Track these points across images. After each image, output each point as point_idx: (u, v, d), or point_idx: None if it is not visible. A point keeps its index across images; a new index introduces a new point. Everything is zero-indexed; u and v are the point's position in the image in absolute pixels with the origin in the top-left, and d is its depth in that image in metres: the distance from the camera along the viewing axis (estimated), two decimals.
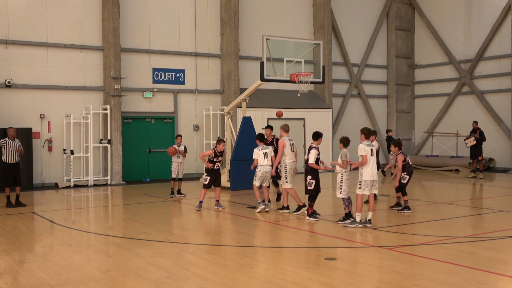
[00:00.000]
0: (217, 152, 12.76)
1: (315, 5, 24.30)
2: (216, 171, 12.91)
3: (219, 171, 13.07)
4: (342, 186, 10.55)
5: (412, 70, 27.42)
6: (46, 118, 18.49)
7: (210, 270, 7.38)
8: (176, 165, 15.28)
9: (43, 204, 14.43)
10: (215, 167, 12.82)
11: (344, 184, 10.54)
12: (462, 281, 6.71)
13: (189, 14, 21.26)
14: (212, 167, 12.78)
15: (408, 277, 6.87)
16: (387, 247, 8.64)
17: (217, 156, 12.79)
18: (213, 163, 12.76)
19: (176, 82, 20.97)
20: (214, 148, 12.81)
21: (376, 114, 26.57)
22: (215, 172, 12.87)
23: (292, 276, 6.96)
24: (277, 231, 10.50)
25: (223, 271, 7.33)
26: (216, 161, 12.79)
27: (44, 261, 8.02)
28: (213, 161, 12.73)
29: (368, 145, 10.37)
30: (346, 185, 10.56)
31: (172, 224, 11.47)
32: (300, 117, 22.79)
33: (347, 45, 25.46)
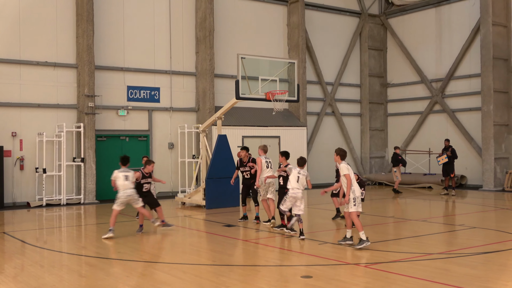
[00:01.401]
0: (145, 173, 12.08)
1: (289, 24, 24.58)
2: (146, 194, 12.14)
3: (150, 193, 12.33)
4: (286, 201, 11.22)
5: (385, 89, 27.84)
6: (18, 136, 18.21)
7: None
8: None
9: (14, 224, 14.14)
10: (143, 189, 12.03)
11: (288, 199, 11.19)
12: None
13: (164, 32, 21.29)
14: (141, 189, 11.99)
15: None
16: (362, 264, 8.67)
17: (145, 177, 12.09)
18: (142, 186, 12.01)
19: (151, 100, 20.90)
20: (142, 169, 12.10)
21: (350, 132, 26.86)
22: (145, 195, 12.08)
23: None
24: (253, 249, 10.46)
25: None
26: (144, 182, 12.08)
27: (16, 282, 7.83)
28: (141, 183, 11.98)
29: (348, 163, 10.52)
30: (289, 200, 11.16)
31: (146, 243, 11.33)
32: (275, 135, 22.88)
33: (321, 64, 25.77)
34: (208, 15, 21.42)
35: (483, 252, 9.50)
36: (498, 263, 8.71)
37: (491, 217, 14.85)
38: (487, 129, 21.92)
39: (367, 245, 9.78)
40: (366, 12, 27.22)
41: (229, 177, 16.34)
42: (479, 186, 22.66)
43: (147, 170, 12.13)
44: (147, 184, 12.16)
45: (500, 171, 22.02)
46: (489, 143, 21.81)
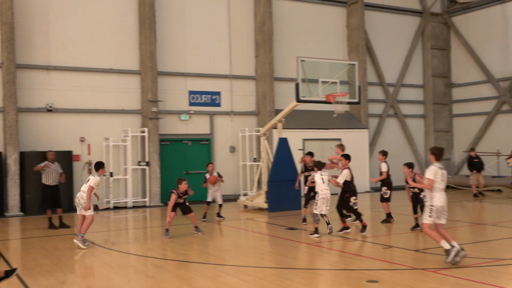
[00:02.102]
0: (180, 193, 12.07)
1: (349, 26, 24.33)
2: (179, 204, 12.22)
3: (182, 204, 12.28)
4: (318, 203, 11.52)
5: (449, 89, 27.05)
6: (86, 141, 18.88)
7: None
8: (212, 191, 14.99)
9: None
10: (177, 201, 12.11)
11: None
12: None
13: (224, 37, 21.54)
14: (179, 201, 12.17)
15: None
16: (430, 269, 8.44)
17: (180, 197, 12.10)
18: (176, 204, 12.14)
19: (212, 104, 21.18)
20: (176, 190, 12.07)
21: (414, 134, 26.25)
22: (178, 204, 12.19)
23: None
24: (316, 252, 10.39)
25: None
26: (178, 201, 12.12)
27: (86, 282, 8.10)
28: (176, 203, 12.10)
29: (441, 167, 8.75)
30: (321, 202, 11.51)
31: (211, 246, 11.47)
32: (336, 137, 22.66)
33: (382, 65, 25.34)
34: (267, 19, 21.51)
35: None
36: None
37: None
38: None
39: (459, 253, 8.44)
40: (428, 11, 26.57)
41: (291, 180, 16.35)
42: None
43: (181, 190, 12.06)
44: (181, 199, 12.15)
45: None
46: None
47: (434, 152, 8.90)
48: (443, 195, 8.66)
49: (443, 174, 8.72)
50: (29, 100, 18.05)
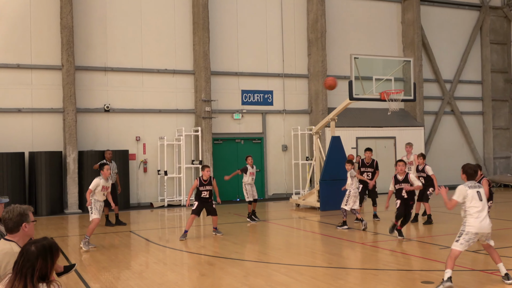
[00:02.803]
0: (203, 180, 11.84)
1: (404, 22, 23.84)
2: (205, 201, 11.91)
3: (208, 201, 11.96)
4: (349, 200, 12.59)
5: (509, 85, 26.09)
6: (142, 140, 19.30)
7: None
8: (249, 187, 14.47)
9: (139, 223, 14.99)
10: (202, 195, 11.84)
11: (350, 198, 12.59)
12: None
13: (276, 36, 21.53)
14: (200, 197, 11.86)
15: None
16: (488, 271, 8.17)
17: (203, 185, 11.84)
18: (200, 192, 11.86)
19: (264, 103, 21.23)
20: (200, 177, 11.97)
21: (471, 132, 25.47)
22: (204, 201, 11.89)
23: None
24: (370, 252, 10.24)
25: None
26: (203, 190, 11.85)
27: (141, 278, 8.28)
28: (199, 190, 11.85)
29: (471, 186, 7.38)
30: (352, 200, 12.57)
31: (263, 244, 11.50)
32: (391, 135, 22.28)
33: (438, 61, 24.70)
34: (320, 17, 21.36)
35: None
36: None
37: None
38: None
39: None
40: (487, 4, 25.70)
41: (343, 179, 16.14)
42: None
43: (205, 177, 11.88)
44: (206, 192, 11.88)
45: None
46: None
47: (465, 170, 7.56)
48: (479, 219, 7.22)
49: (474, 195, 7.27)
50: (87, 100, 18.62)
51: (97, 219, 10.82)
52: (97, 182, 10.98)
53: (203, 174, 11.90)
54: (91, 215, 10.88)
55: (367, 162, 13.90)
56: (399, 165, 11.21)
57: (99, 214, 10.94)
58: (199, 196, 11.85)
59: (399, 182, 11.15)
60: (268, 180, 21.27)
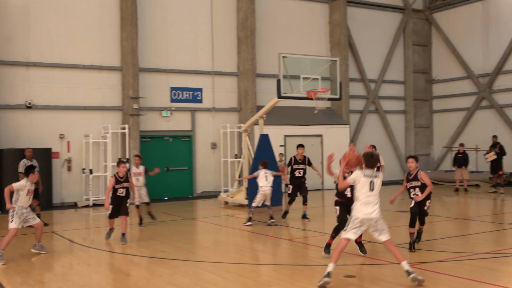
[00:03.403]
0: (119, 177, 11.04)
1: (331, 22, 24.39)
2: (120, 199, 11.13)
3: (124, 198, 11.19)
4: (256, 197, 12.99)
5: (429, 85, 27.29)
6: (66, 138, 18.71)
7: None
8: (136, 189, 13.03)
9: (62, 224, 14.54)
10: (118, 193, 11.05)
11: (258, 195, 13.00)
12: None
13: (206, 34, 21.47)
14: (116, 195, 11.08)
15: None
16: (409, 264, 8.50)
17: (120, 182, 11.02)
18: (116, 190, 11.05)
19: (193, 101, 21.12)
20: (115, 174, 11.12)
21: (394, 130, 26.45)
22: (120, 199, 11.12)
23: None
24: (296, 248, 10.42)
25: None
26: (119, 187, 11.04)
27: (64, 280, 8.05)
28: (115, 188, 11.02)
29: (366, 174, 7.57)
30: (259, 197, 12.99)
31: (191, 243, 11.45)
32: (318, 133, 22.75)
33: (364, 61, 25.46)
34: (249, 15, 21.48)
35: None
36: None
37: None
38: None
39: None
40: (410, 7, 26.74)
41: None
42: None
43: (121, 173, 11.10)
44: (123, 189, 11.11)
45: None
46: None
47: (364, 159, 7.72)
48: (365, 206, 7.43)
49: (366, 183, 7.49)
50: (8, 96, 17.83)
51: (15, 229, 9.49)
52: (23, 184, 9.60)
53: (119, 171, 11.08)
54: (11, 223, 9.51)
55: (299, 159, 13.77)
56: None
57: (20, 224, 9.55)
58: (115, 195, 11.02)
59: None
60: (197, 178, 21.19)
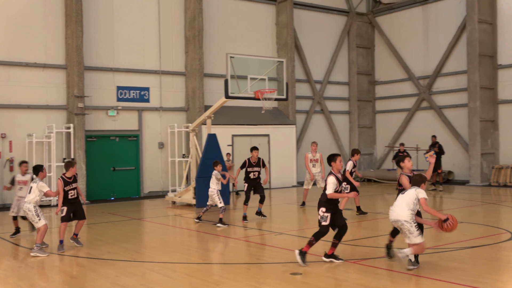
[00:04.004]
0: (67, 179, 10.48)
1: (278, 24, 24.69)
2: (73, 202, 10.60)
3: (77, 202, 10.73)
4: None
5: (373, 87, 28.04)
6: (8, 137, 18.17)
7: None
8: (15, 199, 12.15)
9: (3, 226, 14.13)
10: (69, 196, 10.50)
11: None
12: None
13: (154, 33, 21.32)
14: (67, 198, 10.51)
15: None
16: (352, 260, 8.80)
17: (69, 183, 10.47)
18: (67, 193, 10.47)
19: (140, 100, 20.93)
20: (62, 175, 10.56)
21: (339, 130, 27.04)
22: (72, 202, 10.57)
23: None
24: (244, 247, 10.56)
25: None
26: (69, 189, 10.49)
27: (6, 284, 7.88)
28: (65, 191, 10.44)
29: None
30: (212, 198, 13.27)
31: (138, 243, 11.40)
32: (265, 133, 23.00)
33: (310, 62, 25.91)
34: (197, 15, 21.48)
35: (471, 247, 9.67)
36: (486, 257, 8.88)
37: (478, 211, 15.07)
38: (473, 125, 22.19)
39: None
40: (354, 10, 27.38)
41: None
42: (466, 182, 22.92)
43: (69, 175, 10.55)
44: (73, 190, 10.57)
45: (487, 166, 22.30)
46: (475, 139, 22.08)
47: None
48: None
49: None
50: None
51: None
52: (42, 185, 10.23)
53: (67, 173, 10.55)
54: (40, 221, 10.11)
55: (254, 161, 13.83)
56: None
57: None
58: (66, 198, 10.48)
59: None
60: (144, 178, 21.02)
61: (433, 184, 20.94)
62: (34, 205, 10.19)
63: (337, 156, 8.85)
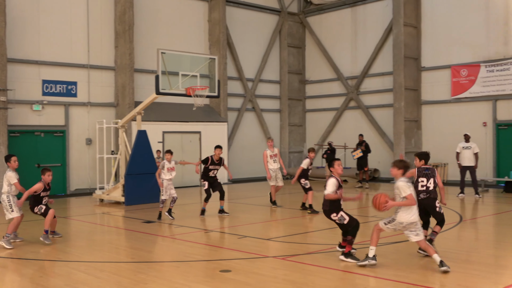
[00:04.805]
0: (46, 184, 10.61)
1: (210, 20, 24.61)
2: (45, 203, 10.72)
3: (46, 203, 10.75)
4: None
5: (303, 86, 28.53)
6: None
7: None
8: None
9: None
10: (43, 202, 10.62)
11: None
12: (349, 286, 7.12)
13: (82, 25, 20.71)
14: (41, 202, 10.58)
15: (300, 286, 7.16)
16: (280, 257, 8.93)
17: (46, 190, 10.64)
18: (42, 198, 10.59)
19: (67, 95, 20.29)
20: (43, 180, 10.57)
21: (270, 128, 27.33)
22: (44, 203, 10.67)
23: None
24: (173, 245, 10.48)
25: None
26: (44, 195, 10.63)
27: None
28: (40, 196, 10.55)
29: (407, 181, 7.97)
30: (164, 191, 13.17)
31: (63, 242, 11.05)
32: (196, 130, 22.89)
33: (242, 60, 26.01)
34: (128, 9, 21.05)
35: (394, 242, 10.03)
36: (407, 252, 9.22)
37: None
38: (398, 124, 23.04)
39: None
40: (285, 10, 27.73)
41: (149, 173, 16.29)
42: (391, 179, 23.76)
43: (47, 181, 10.59)
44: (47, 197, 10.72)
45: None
46: (400, 138, 22.94)
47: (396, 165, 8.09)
48: None
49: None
50: None
51: None
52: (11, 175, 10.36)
53: (46, 179, 10.53)
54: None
55: (216, 159, 13.62)
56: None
57: None
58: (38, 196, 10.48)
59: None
60: (71, 174, 20.40)
61: (359, 181, 21.58)
62: (7, 195, 10.32)
63: (336, 160, 8.79)
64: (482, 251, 9.38)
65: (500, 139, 21.26)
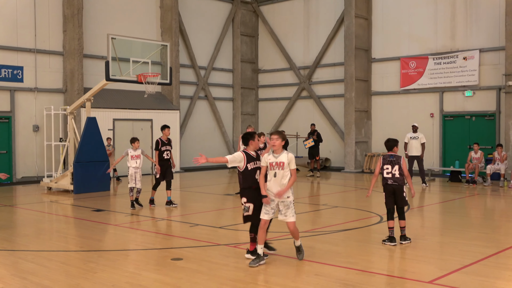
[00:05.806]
0: None
1: (162, 7, 24.24)
2: None
3: None
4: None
5: (256, 75, 28.56)
6: None
7: (50, 278, 7.07)
8: None
9: None
10: None
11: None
12: (301, 273, 7.22)
13: (28, 8, 20.03)
14: None
15: (252, 273, 7.20)
16: (232, 244, 8.96)
17: None
18: None
19: (13, 80, 19.62)
20: None
21: (223, 116, 27.27)
22: None
23: (138, 279, 6.94)
24: (123, 233, 10.34)
25: (65, 278, 7.08)
26: None
27: None
28: None
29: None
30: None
31: (9, 231, 10.73)
32: (148, 118, 22.59)
33: (194, 48, 25.78)
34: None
35: (344, 230, 10.23)
36: (357, 239, 9.43)
37: (351, 196, 15.96)
38: (349, 115, 23.42)
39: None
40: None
41: (98, 161, 16.03)
42: (341, 168, 24.19)
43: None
44: None
45: (360, 154, 23.68)
46: (350, 128, 23.33)
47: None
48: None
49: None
50: None
51: None
52: None
53: None
54: None
55: (165, 140, 13.15)
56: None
57: None
58: None
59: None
60: (17, 162, 19.80)
61: (311, 170, 21.85)
62: None
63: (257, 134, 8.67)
64: (428, 238, 9.68)
65: (446, 130, 21.94)
